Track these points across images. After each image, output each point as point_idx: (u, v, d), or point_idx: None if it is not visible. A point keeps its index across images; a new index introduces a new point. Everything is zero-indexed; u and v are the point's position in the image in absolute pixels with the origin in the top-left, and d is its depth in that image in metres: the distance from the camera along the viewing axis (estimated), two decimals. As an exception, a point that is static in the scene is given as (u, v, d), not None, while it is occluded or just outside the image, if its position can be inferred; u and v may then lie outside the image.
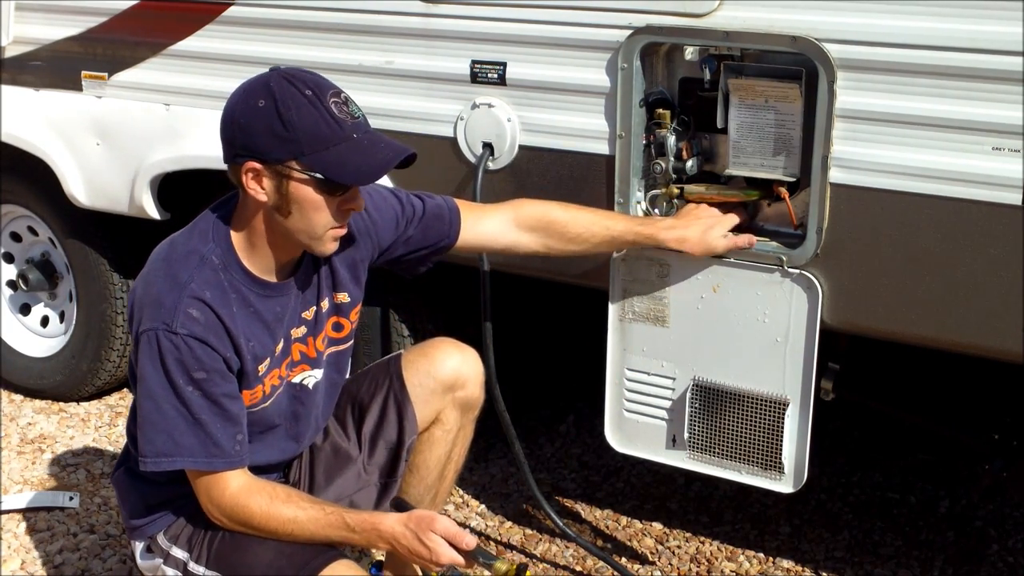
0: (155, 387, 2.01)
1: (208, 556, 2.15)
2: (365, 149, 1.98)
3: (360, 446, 2.42)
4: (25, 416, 3.75)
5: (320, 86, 1.98)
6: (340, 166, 1.96)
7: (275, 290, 2.13)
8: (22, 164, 3.47)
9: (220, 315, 2.02)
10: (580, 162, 2.59)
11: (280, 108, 1.94)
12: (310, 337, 2.23)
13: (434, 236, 2.36)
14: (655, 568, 2.93)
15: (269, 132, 1.94)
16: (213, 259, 2.05)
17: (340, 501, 2.33)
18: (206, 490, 2.08)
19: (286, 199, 1.99)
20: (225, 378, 2.05)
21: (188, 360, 1.99)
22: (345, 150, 1.96)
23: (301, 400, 2.27)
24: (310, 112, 1.94)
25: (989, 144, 2.16)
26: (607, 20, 2.45)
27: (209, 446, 2.03)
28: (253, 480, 2.10)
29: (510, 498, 3.24)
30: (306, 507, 2.07)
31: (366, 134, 2.00)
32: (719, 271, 2.49)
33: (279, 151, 1.95)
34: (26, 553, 2.99)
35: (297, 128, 1.93)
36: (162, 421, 2.02)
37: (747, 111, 2.39)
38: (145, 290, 2.05)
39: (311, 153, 1.95)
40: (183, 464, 2.05)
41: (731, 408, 2.55)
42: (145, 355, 2.01)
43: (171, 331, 1.98)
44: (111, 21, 3.15)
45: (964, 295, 2.27)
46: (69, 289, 3.72)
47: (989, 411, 2.77)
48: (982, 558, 2.95)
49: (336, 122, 1.95)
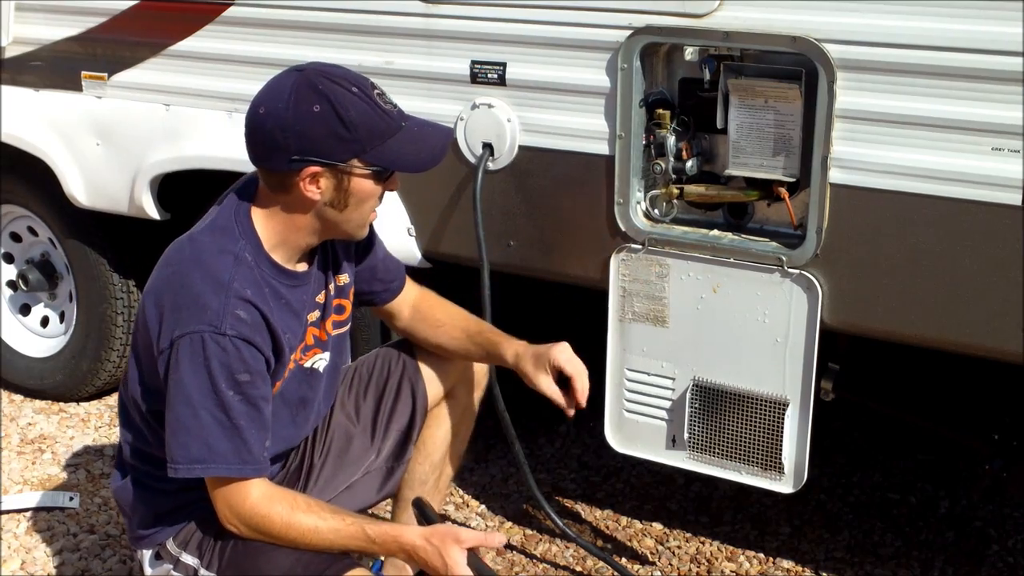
0: (194, 392, 1.97)
1: (220, 563, 2.14)
2: (417, 136, 2.03)
3: (372, 431, 2.42)
4: (25, 416, 3.75)
5: (361, 82, 2.01)
6: (400, 157, 2.01)
7: (300, 279, 2.15)
8: (22, 164, 3.47)
9: (263, 312, 2.02)
10: (580, 162, 2.59)
11: (339, 111, 1.94)
12: (322, 320, 2.24)
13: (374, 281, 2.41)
14: (655, 568, 2.93)
15: (332, 135, 1.95)
16: (246, 256, 2.03)
17: (346, 487, 2.35)
18: (226, 497, 2.04)
19: (345, 195, 2.01)
20: (264, 380, 2.04)
21: (234, 362, 1.97)
22: (400, 141, 2.00)
23: (310, 384, 2.26)
24: (365, 110, 1.97)
25: (989, 144, 2.16)
26: (607, 20, 2.45)
27: (243, 452, 2.00)
28: (273, 488, 2.08)
29: (510, 498, 3.24)
30: (327, 517, 2.04)
31: (411, 121, 2.05)
32: (719, 271, 2.49)
33: (343, 152, 1.97)
34: (26, 553, 2.99)
35: (358, 127, 1.96)
36: (198, 427, 1.98)
37: (747, 111, 2.39)
38: (180, 292, 2.00)
39: (371, 149, 1.98)
40: (216, 471, 2.01)
41: (731, 408, 2.55)
42: (185, 359, 1.96)
43: (219, 333, 1.95)
44: (111, 21, 3.15)
45: (964, 295, 2.27)
46: (69, 289, 3.72)
47: (989, 411, 2.77)
48: (982, 558, 2.95)
49: (387, 115, 2.00)
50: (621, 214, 2.55)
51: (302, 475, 2.36)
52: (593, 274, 2.65)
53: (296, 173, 1.98)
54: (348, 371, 2.50)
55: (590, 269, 2.65)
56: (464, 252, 2.78)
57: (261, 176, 2.06)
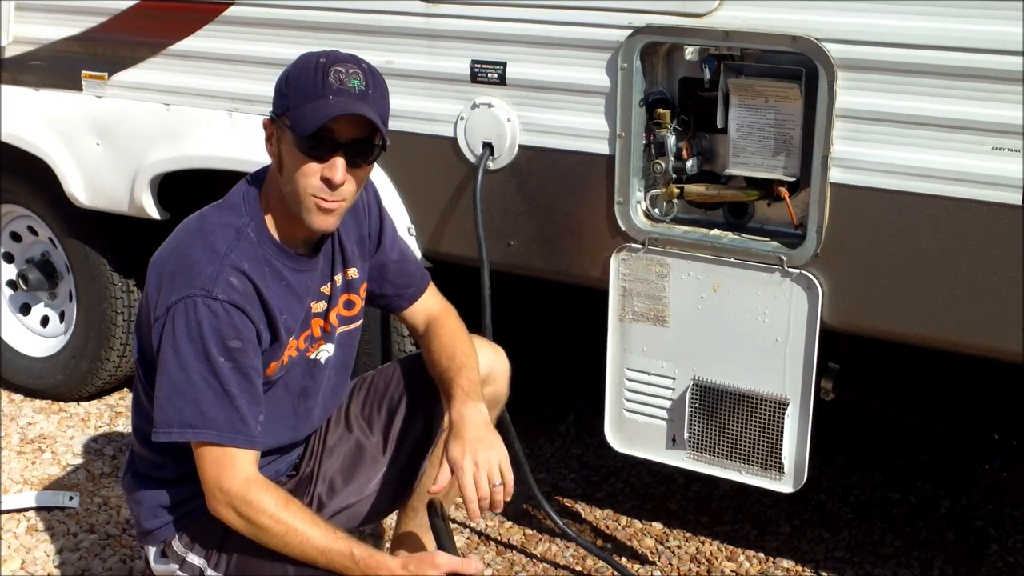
0: (187, 356, 1.99)
1: (228, 565, 2.14)
2: (328, 106, 2.00)
3: (385, 446, 2.41)
4: (25, 416, 3.75)
5: (337, 58, 2.04)
6: (302, 116, 2.00)
7: (305, 263, 2.16)
8: (22, 164, 3.47)
9: (258, 287, 2.05)
10: (580, 162, 2.59)
11: (290, 68, 2.05)
12: (327, 312, 2.24)
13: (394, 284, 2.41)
14: (655, 568, 2.93)
15: (278, 90, 2.06)
16: (249, 232, 2.08)
17: (358, 498, 2.35)
18: (217, 471, 2.02)
19: (279, 155, 2.06)
20: (256, 351, 2.06)
21: (225, 327, 2.00)
22: (315, 106, 1.99)
23: (313, 375, 2.26)
24: (308, 74, 2.01)
25: (989, 144, 2.16)
26: (607, 20, 2.45)
27: (235, 421, 2.01)
28: (269, 481, 2.07)
29: (510, 498, 3.23)
30: (320, 524, 2.04)
31: (345, 98, 2.00)
32: (719, 271, 2.49)
33: (278, 105, 2.05)
34: (26, 553, 2.99)
35: (291, 85, 2.03)
36: (191, 391, 2.00)
37: (747, 111, 2.39)
38: (178, 260, 2.05)
39: (294, 108, 2.01)
40: (207, 436, 2.01)
41: (731, 408, 2.55)
42: (180, 323, 1.99)
43: (211, 297, 1.99)
44: (111, 21, 3.15)
45: (964, 295, 2.27)
46: (69, 289, 3.72)
47: (989, 411, 2.77)
48: (982, 558, 2.95)
49: (323, 84, 2.00)
50: (621, 213, 2.55)
51: (313, 483, 2.36)
52: (593, 274, 2.65)
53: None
54: (364, 381, 2.49)
55: (590, 269, 2.65)
56: (464, 252, 2.78)
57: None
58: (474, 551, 2.99)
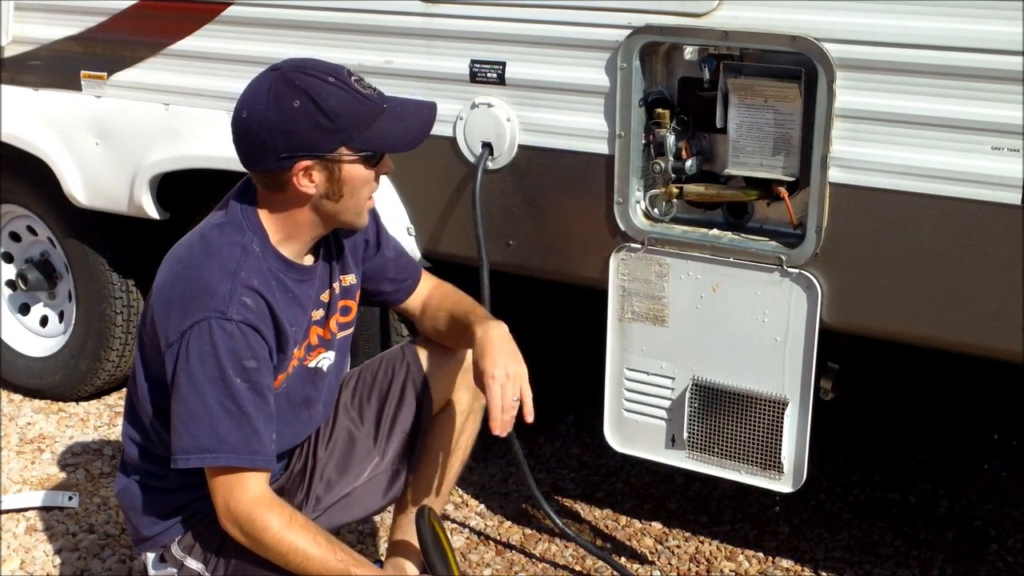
0: (203, 380, 1.98)
1: (226, 570, 2.14)
2: (400, 115, 2.05)
3: (376, 435, 2.41)
4: (24, 416, 3.75)
5: (336, 71, 2.02)
6: (387, 138, 2.03)
7: (307, 273, 2.16)
8: (21, 164, 3.47)
9: (269, 302, 2.04)
10: (579, 162, 2.59)
11: (319, 102, 1.96)
12: (326, 320, 2.25)
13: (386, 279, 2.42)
14: (654, 568, 2.93)
15: (316, 127, 1.97)
16: (254, 248, 2.06)
17: (351, 490, 2.35)
18: (227, 490, 2.02)
19: (339, 184, 2.03)
20: (269, 369, 2.05)
21: (241, 348, 1.98)
22: (384, 122, 2.02)
23: (315, 383, 2.26)
24: (344, 97, 1.98)
25: (989, 144, 2.16)
26: (606, 20, 2.44)
27: (252, 442, 2.01)
28: (275, 497, 2.08)
29: (509, 498, 3.24)
30: (322, 543, 2.04)
31: (392, 101, 2.06)
32: (719, 271, 2.49)
33: (329, 142, 1.99)
34: (26, 553, 2.99)
35: (341, 116, 1.98)
36: (208, 416, 1.99)
37: (746, 111, 2.39)
38: (188, 283, 2.02)
39: (357, 136, 2.00)
40: (226, 460, 2.01)
41: (730, 408, 2.55)
42: (194, 348, 1.97)
43: (225, 318, 1.97)
44: (110, 21, 3.15)
45: (964, 295, 2.27)
46: (68, 289, 3.71)
47: (989, 411, 2.77)
48: (982, 558, 2.95)
49: (367, 99, 2.01)
50: (621, 213, 2.55)
51: (306, 477, 2.36)
52: (593, 273, 2.65)
53: (288, 170, 2.00)
54: (353, 374, 2.49)
55: (590, 268, 2.65)
56: (464, 251, 2.78)
57: (256, 180, 2.08)
58: (474, 551, 2.99)
